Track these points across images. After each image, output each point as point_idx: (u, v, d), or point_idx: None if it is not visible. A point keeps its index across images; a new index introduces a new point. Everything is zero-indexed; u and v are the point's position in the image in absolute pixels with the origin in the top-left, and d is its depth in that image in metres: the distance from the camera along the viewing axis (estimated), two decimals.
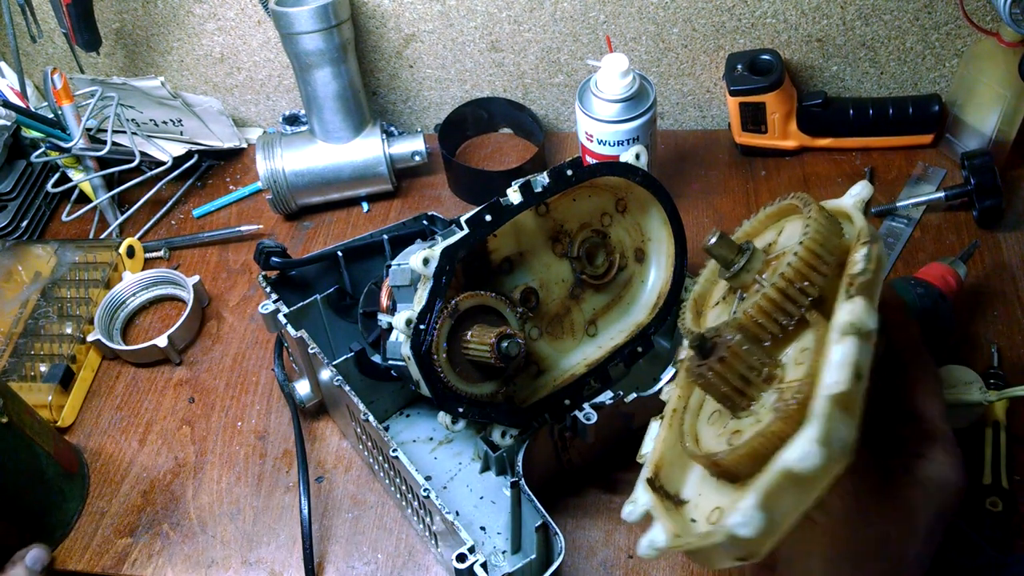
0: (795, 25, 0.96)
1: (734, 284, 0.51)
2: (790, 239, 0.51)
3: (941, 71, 0.98)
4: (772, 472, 0.39)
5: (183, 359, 0.90)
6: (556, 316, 0.70)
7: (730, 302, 0.53)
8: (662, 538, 0.46)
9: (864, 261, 0.44)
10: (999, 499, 0.68)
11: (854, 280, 0.43)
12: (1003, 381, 0.76)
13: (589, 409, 0.67)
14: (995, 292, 0.85)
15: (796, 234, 0.48)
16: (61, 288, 0.94)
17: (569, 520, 0.73)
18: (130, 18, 1.07)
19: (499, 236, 0.65)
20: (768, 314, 0.46)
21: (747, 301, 0.49)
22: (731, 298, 0.54)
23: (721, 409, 0.48)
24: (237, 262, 1.00)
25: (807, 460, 0.37)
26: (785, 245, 0.51)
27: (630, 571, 0.70)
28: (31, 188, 1.05)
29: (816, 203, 0.49)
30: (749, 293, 0.50)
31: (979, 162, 0.88)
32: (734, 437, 0.46)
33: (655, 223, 0.72)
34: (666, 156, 1.03)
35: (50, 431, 0.77)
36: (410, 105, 1.11)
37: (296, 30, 0.92)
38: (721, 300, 0.55)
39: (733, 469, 0.44)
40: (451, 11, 1.00)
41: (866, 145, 0.99)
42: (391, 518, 0.75)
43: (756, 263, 0.50)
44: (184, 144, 1.07)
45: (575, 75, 1.04)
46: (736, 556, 0.41)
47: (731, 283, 0.51)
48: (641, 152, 0.69)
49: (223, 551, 0.75)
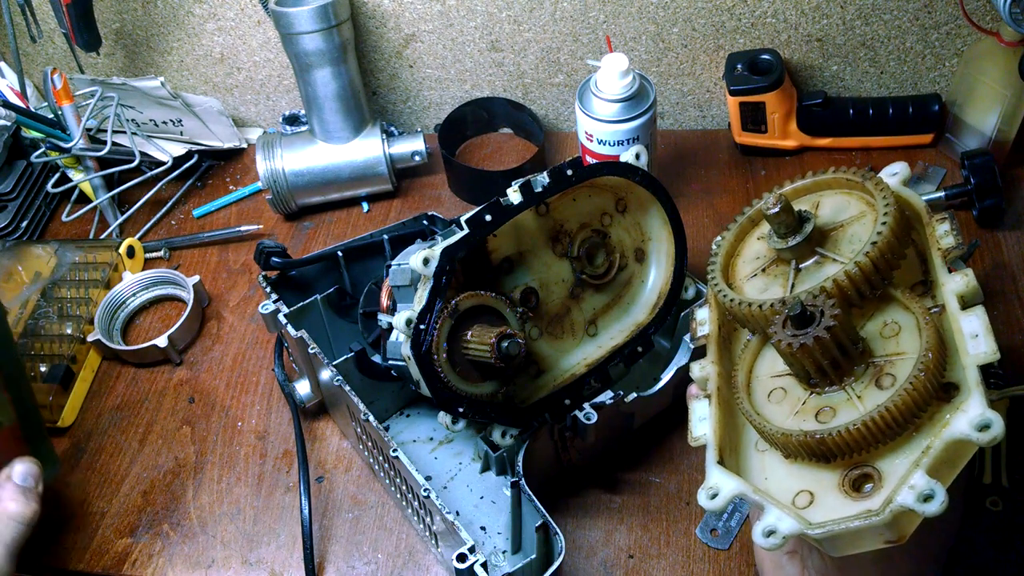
0: (795, 25, 0.96)
1: (788, 255, 0.51)
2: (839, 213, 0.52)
3: (941, 71, 0.98)
4: (938, 445, 0.40)
5: (183, 359, 0.90)
6: (556, 316, 0.70)
7: (776, 273, 0.53)
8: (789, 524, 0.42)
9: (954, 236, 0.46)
10: (999, 499, 0.69)
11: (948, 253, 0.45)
12: (1003, 381, 0.76)
13: (589, 409, 0.67)
14: (995, 292, 0.85)
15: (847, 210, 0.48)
16: (61, 288, 0.94)
17: (569, 520, 0.73)
18: (130, 18, 1.07)
19: (499, 236, 0.65)
20: (857, 285, 0.46)
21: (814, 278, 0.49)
22: (776, 270, 0.53)
23: (787, 387, 0.48)
24: (237, 262, 1.00)
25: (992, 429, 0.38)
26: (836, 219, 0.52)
27: (630, 571, 0.70)
28: (31, 188, 1.05)
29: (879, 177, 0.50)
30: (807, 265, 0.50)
31: (979, 162, 0.88)
32: (823, 415, 0.45)
33: (655, 223, 0.72)
34: (666, 156, 1.03)
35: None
36: (410, 105, 1.11)
37: (296, 30, 0.92)
38: (760, 272, 0.54)
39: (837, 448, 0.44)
40: (451, 11, 1.00)
41: (866, 145, 0.99)
42: (391, 518, 0.75)
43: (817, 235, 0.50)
44: (184, 144, 1.07)
45: (575, 75, 1.04)
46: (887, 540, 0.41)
47: (785, 253, 0.51)
48: (641, 152, 0.69)
49: (223, 551, 0.75)
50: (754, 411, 0.49)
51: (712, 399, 0.51)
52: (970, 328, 0.42)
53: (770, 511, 0.43)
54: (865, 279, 0.46)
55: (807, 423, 0.46)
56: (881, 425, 0.42)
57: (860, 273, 0.46)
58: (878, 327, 0.47)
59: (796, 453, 0.46)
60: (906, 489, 0.39)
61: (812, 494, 0.45)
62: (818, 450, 0.44)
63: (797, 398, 0.47)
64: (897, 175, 0.51)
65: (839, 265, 0.48)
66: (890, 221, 0.46)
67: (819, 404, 0.46)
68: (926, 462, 0.39)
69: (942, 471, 0.40)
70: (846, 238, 0.50)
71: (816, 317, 0.45)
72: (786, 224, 0.50)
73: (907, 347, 0.44)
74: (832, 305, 0.45)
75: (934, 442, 0.40)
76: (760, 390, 0.50)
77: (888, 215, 0.46)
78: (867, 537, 0.41)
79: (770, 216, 0.49)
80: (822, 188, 0.54)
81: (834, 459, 0.44)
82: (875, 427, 0.42)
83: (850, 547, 0.42)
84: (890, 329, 0.46)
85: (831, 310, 0.45)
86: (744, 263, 0.56)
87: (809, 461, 0.46)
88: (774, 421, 0.47)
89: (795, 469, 0.46)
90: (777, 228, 0.50)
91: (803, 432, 0.45)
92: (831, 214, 0.52)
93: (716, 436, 0.49)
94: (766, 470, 0.48)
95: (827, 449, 0.44)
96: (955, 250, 0.45)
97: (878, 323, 0.47)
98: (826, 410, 0.45)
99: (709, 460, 0.48)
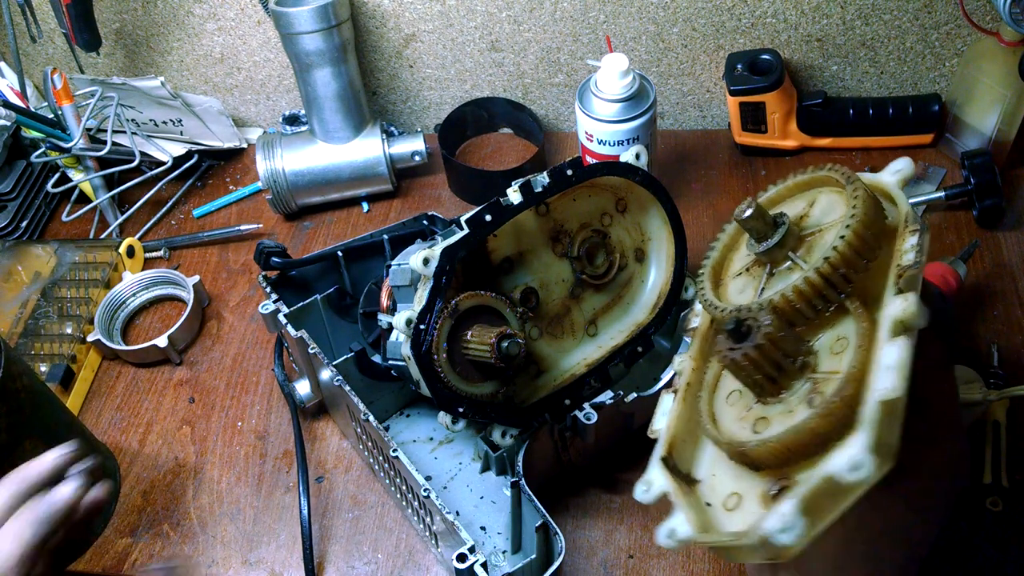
0: (795, 25, 0.96)
1: (764, 259, 0.49)
2: (826, 215, 0.49)
3: (941, 71, 0.98)
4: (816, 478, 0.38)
5: (183, 359, 0.90)
6: (556, 316, 0.70)
7: (755, 275, 0.51)
8: (686, 530, 0.43)
9: (915, 253, 0.42)
10: (999, 499, 0.69)
11: (904, 272, 0.41)
12: (1003, 381, 0.76)
13: (589, 409, 0.67)
14: (995, 292, 0.85)
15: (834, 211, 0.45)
16: (61, 288, 0.94)
17: (569, 520, 0.73)
18: (130, 18, 1.07)
19: (499, 236, 0.65)
20: (808, 299, 0.44)
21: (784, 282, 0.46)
22: (756, 271, 0.51)
23: (743, 390, 0.47)
24: (237, 262, 1.00)
25: (859, 470, 0.36)
26: (820, 221, 0.49)
27: (630, 571, 0.70)
28: (31, 188, 1.05)
29: (861, 181, 0.46)
30: (780, 270, 0.48)
31: (979, 162, 0.88)
32: (759, 424, 0.44)
33: (655, 223, 0.72)
34: (666, 156, 1.03)
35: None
36: (410, 105, 1.11)
37: (296, 30, 0.92)
38: (744, 271, 0.53)
39: (760, 460, 0.43)
40: (451, 11, 1.00)
41: (866, 145, 0.99)
42: (391, 518, 0.75)
43: (791, 239, 0.48)
44: (184, 144, 1.07)
45: (575, 75, 1.04)
46: (767, 557, 0.40)
47: (761, 257, 0.49)
48: (641, 152, 0.69)
49: (223, 551, 0.75)
50: (709, 410, 0.49)
51: (679, 394, 0.51)
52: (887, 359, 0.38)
53: (676, 514, 0.44)
54: (814, 294, 0.44)
55: (743, 431, 0.45)
56: (791, 446, 0.41)
57: (809, 288, 0.44)
58: (831, 340, 0.45)
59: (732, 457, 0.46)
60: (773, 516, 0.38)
61: (740, 498, 0.44)
62: (742, 460, 0.44)
63: (745, 404, 0.47)
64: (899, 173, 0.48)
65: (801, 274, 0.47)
66: (848, 235, 0.43)
67: (760, 413, 0.45)
68: (800, 492, 0.38)
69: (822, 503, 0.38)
70: (820, 244, 0.48)
71: (752, 332, 0.44)
72: (757, 229, 0.48)
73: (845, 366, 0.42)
74: (768, 322, 0.44)
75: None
76: (724, 389, 0.50)
77: (850, 226, 0.43)
78: (748, 553, 0.41)
79: (741, 221, 0.48)
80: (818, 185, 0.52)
81: (758, 469, 0.44)
82: (785, 447, 0.41)
83: (739, 559, 0.42)
84: (840, 344, 0.43)
85: (766, 327, 0.44)
86: (739, 258, 0.55)
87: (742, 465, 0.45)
88: (722, 423, 0.48)
89: (737, 471, 0.46)
90: (751, 232, 0.49)
91: (732, 440, 0.45)
92: (819, 215, 0.50)
93: (670, 432, 0.49)
94: (715, 467, 0.48)
95: (749, 460, 0.44)
96: (911, 268, 0.41)
97: (832, 336, 0.45)
98: (763, 420, 0.45)
99: (654, 455, 0.49)
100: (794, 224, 0.49)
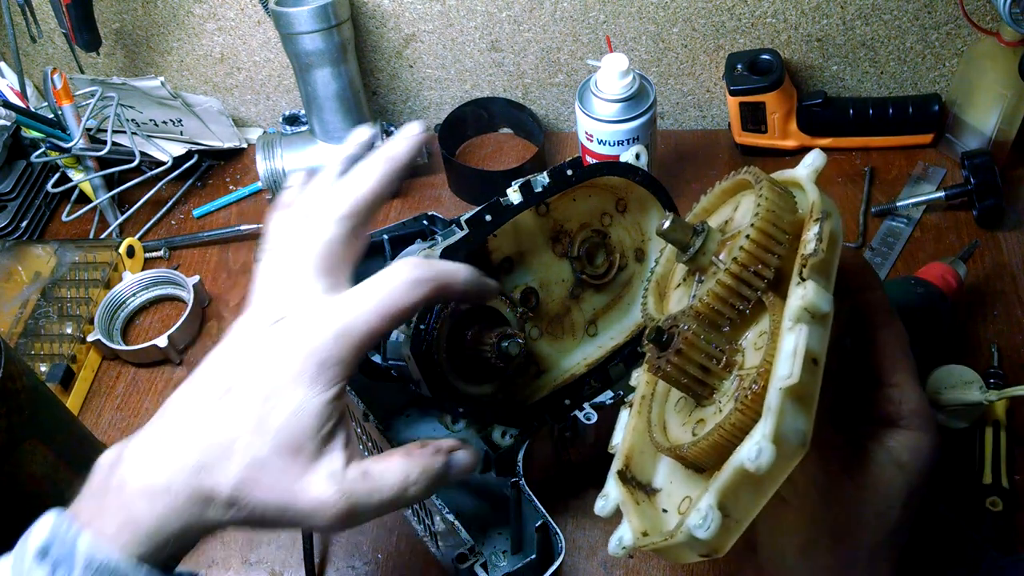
0: (795, 25, 0.96)
1: (691, 267, 0.49)
2: (744, 216, 0.49)
3: (941, 71, 0.98)
4: (727, 470, 0.38)
5: (183, 359, 0.90)
6: (556, 316, 0.70)
7: (690, 284, 0.52)
8: (629, 537, 0.45)
9: (815, 241, 0.42)
10: (999, 499, 0.68)
11: (806, 261, 0.41)
12: (1003, 381, 0.76)
13: (589, 409, 0.67)
14: (995, 292, 0.85)
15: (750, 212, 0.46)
16: (61, 288, 0.94)
17: (569, 520, 0.73)
18: (130, 18, 1.07)
19: (499, 236, 0.65)
20: (723, 300, 0.44)
21: (703, 286, 0.47)
22: (690, 281, 0.52)
23: (686, 397, 0.47)
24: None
25: (760, 459, 0.36)
26: (740, 223, 0.49)
27: (630, 571, 0.70)
28: (31, 188, 1.05)
29: (767, 178, 0.47)
30: (707, 276, 0.49)
31: (979, 162, 0.88)
32: (698, 427, 0.45)
33: (655, 223, 0.72)
34: (666, 156, 1.03)
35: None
36: (410, 105, 1.11)
37: (296, 30, 0.92)
38: (681, 282, 0.53)
39: (697, 461, 0.43)
40: (451, 11, 1.00)
41: (866, 145, 0.99)
42: (391, 518, 0.75)
43: (712, 244, 0.48)
44: (184, 144, 1.07)
45: (575, 75, 1.04)
46: (700, 554, 0.40)
47: (688, 266, 0.49)
48: (641, 152, 0.69)
49: (223, 551, 0.75)
50: (659, 420, 0.50)
51: (634, 407, 0.52)
52: (786, 347, 0.39)
53: (623, 524, 0.46)
54: (729, 294, 0.44)
55: (685, 435, 0.46)
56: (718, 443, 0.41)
57: (722, 289, 0.44)
58: (756, 336, 0.45)
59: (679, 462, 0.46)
60: (693, 512, 0.38)
61: (692, 502, 0.45)
62: (685, 463, 0.45)
63: (688, 410, 0.47)
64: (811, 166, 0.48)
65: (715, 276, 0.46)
66: (752, 232, 0.43)
67: (699, 416, 0.46)
68: (715, 485, 0.38)
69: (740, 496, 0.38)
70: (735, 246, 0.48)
71: (673, 338, 0.45)
72: (677, 240, 0.48)
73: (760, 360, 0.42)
74: (686, 328, 0.45)
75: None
76: (673, 398, 0.51)
77: (753, 224, 0.43)
78: (683, 553, 0.41)
79: (661, 234, 0.48)
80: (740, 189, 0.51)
81: (702, 471, 0.44)
82: (712, 445, 0.41)
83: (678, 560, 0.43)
84: (762, 340, 0.44)
85: (684, 332, 0.45)
86: (679, 270, 0.55)
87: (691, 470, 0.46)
88: (671, 430, 0.48)
89: (687, 476, 0.47)
90: (674, 244, 0.49)
91: (672, 445, 0.45)
92: (739, 218, 0.50)
93: (626, 444, 0.51)
94: (672, 474, 0.49)
95: (689, 463, 0.44)
96: (812, 257, 0.41)
97: (756, 332, 0.45)
98: (700, 422, 0.45)
99: (611, 469, 0.50)
100: (720, 230, 0.49)
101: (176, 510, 0.42)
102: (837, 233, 0.44)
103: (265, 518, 0.44)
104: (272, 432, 0.43)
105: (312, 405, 0.44)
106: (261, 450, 0.43)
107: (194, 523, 0.43)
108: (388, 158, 0.53)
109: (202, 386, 0.45)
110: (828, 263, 0.42)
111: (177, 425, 0.44)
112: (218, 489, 0.43)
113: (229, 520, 0.44)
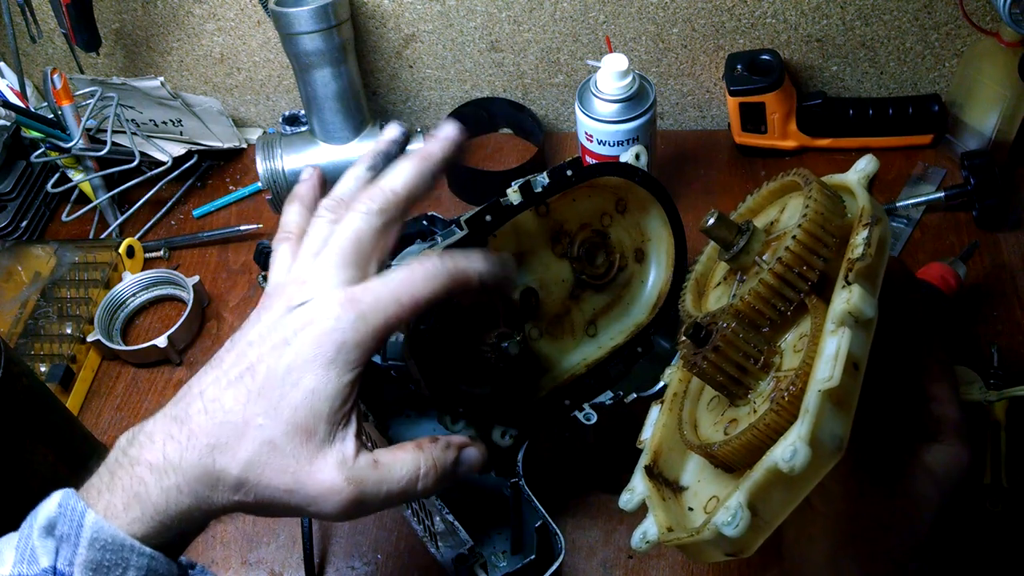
0: (795, 25, 0.96)
1: (734, 266, 0.49)
2: (791, 218, 0.49)
3: (941, 71, 0.98)
4: (759, 470, 0.38)
5: (183, 359, 0.90)
6: (556, 316, 0.70)
7: (730, 283, 0.52)
8: (653, 531, 0.45)
9: (864, 245, 0.42)
10: (999, 499, 0.69)
11: (852, 265, 0.41)
12: (1003, 381, 0.76)
13: (589, 409, 0.67)
14: (995, 292, 0.85)
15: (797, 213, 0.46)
16: (61, 288, 0.94)
17: (569, 520, 0.73)
18: (130, 18, 1.07)
19: (499, 236, 0.65)
20: (765, 300, 0.44)
21: (745, 285, 0.47)
22: (731, 279, 0.52)
23: (720, 396, 0.47)
24: (237, 262, 1.00)
25: (794, 459, 0.36)
26: (787, 224, 0.49)
27: (630, 571, 0.70)
28: (31, 188, 1.05)
29: (817, 180, 0.46)
30: (749, 275, 0.48)
31: (979, 162, 0.88)
32: (731, 426, 0.45)
33: (655, 223, 0.72)
34: (666, 156, 1.03)
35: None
36: (410, 105, 1.11)
37: (296, 30, 0.92)
38: (722, 281, 0.53)
39: (727, 460, 0.43)
40: (451, 11, 1.00)
41: (866, 145, 0.99)
42: (391, 518, 0.75)
43: (756, 244, 0.48)
44: (184, 144, 1.07)
45: (575, 75, 1.04)
46: (726, 552, 0.40)
47: (731, 265, 0.49)
48: (641, 152, 0.69)
49: (223, 551, 0.75)
50: (690, 417, 0.50)
51: (665, 404, 0.52)
52: (828, 349, 0.39)
53: (648, 518, 0.46)
54: (771, 294, 0.44)
55: (717, 433, 0.45)
56: (751, 443, 0.41)
57: (765, 289, 0.44)
58: (796, 339, 0.45)
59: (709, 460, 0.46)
60: (722, 510, 0.38)
61: (719, 501, 0.44)
62: (714, 462, 0.45)
63: (721, 409, 0.47)
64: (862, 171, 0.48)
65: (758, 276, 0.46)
66: (799, 234, 0.43)
67: (732, 415, 0.46)
68: (746, 484, 0.38)
69: (772, 496, 0.38)
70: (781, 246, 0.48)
71: (711, 336, 0.45)
72: (721, 238, 0.48)
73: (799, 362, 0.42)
74: (726, 326, 0.44)
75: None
76: (707, 396, 0.51)
77: (800, 225, 0.43)
78: (709, 551, 0.41)
79: (705, 231, 0.48)
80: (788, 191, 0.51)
81: (731, 471, 0.44)
82: (745, 445, 0.41)
83: (702, 558, 0.43)
84: (802, 342, 0.43)
85: (723, 330, 0.44)
86: (720, 269, 0.55)
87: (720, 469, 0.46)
88: (702, 428, 0.48)
89: (716, 475, 0.46)
90: (717, 241, 0.49)
91: (703, 443, 0.45)
92: (786, 220, 0.50)
93: (655, 441, 0.51)
94: (700, 473, 0.49)
95: (719, 461, 0.44)
96: (859, 261, 0.41)
97: (796, 335, 0.45)
98: (733, 422, 0.45)
99: (639, 464, 0.50)
100: (765, 231, 0.49)
101: (184, 488, 0.43)
102: (886, 240, 0.44)
103: (272, 502, 0.44)
104: (285, 413, 0.43)
105: (328, 388, 0.44)
106: (273, 432, 0.43)
107: (201, 504, 0.43)
108: (423, 156, 0.54)
109: (220, 368, 0.46)
110: (875, 269, 0.42)
111: (193, 406, 0.45)
112: (228, 469, 0.43)
113: (236, 503, 0.44)
